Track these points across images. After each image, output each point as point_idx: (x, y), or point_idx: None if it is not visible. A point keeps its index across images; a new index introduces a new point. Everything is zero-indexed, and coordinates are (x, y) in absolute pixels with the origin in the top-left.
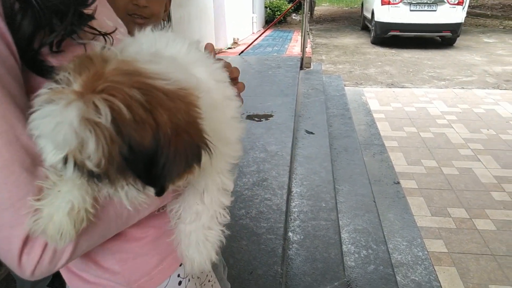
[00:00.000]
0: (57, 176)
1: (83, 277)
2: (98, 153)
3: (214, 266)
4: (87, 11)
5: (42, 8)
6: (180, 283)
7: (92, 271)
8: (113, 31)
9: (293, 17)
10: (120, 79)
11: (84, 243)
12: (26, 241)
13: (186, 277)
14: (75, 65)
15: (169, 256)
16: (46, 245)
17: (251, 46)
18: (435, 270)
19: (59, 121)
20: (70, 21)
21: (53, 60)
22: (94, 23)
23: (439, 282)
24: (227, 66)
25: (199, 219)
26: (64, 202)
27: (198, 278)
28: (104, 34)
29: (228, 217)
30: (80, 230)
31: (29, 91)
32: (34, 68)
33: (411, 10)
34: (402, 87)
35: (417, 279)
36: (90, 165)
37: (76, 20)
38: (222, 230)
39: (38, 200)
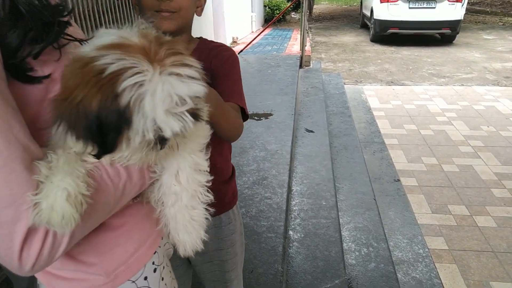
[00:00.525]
0: (48, 168)
1: (61, 275)
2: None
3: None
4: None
5: (32, 19)
6: (155, 270)
7: (70, 267)
8: (90, 38)
9: (292, 16)
10: (168, 44)
11: (79, 230)
12: (27, 236)
13: (161, 264)
14: (122, 52)
15: (144, 244)
16: (45, 238)
17: (250, 45)
18: (436, 267)
19: (185, 81)
20: (55, 31)
21: (36, 65)
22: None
23: (440, 279)
24: None
25: (180, 200)
26: (59, 191)
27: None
28: (81, 40)
29: (211, 196)
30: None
31: None
32: (15, 74)
33: (410, 8)
34: (402, 84)
35: (418, 276)
36: (202, 112)
37: (58, 29)
38: (206, 209)
39: (36, 194)
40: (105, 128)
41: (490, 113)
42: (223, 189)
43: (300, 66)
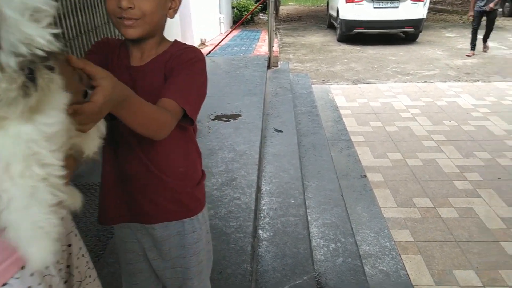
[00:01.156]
0: None
1: None
2: None
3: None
4: None
5: None
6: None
7: None
8: None
9: (261, 17)
10: None
11: None
12: None
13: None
14: None
15: (7, 261)
16: None
17: (218, 46)
18: (402, 259)
19: None
20: None
21: None
22: None
23: (406, 271)
24: None
25: (13, 199)
26: None
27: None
28: None
29: (61, 194)
30: None
31: None
32: None
33: (374, 7)
34: (368, 83)
35: (384, 269)
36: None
37: None
38: (56, 211)
39: None
40: None
41: (452, 108)
42: (188, 193)
43: (268, 67)
